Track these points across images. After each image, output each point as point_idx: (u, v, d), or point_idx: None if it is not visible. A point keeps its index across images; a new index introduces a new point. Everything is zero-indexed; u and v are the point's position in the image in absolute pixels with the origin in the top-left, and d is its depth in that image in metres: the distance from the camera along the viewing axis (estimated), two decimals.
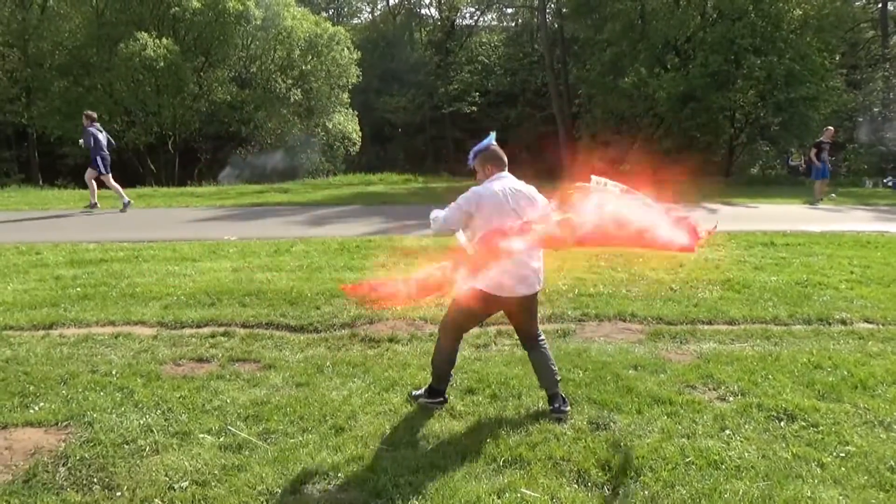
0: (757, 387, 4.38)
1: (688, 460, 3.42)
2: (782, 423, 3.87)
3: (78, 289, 6.74)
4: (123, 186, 15.03)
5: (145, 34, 23.21)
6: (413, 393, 4.23)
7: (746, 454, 3.49)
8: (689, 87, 21.68)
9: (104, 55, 24.41)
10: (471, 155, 4.03)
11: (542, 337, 4.14)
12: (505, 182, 3.89)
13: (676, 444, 3.58)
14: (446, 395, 4.15)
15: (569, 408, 3.95)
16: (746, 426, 3.83)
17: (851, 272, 7.74)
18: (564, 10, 31.50)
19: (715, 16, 22.92)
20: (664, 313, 6.04)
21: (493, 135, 4.01)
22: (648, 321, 5.89)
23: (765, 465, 3.37)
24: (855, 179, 23.59)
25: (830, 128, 16.66)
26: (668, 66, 23.87)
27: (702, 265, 8.03)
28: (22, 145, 28.46)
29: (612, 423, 3.84)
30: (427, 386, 4.18)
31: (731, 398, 4.23)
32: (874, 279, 7.40)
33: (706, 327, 5.74)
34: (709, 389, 4.39)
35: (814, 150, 15.96)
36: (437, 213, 3.92)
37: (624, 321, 5.90)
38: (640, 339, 5.44)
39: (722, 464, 3.39)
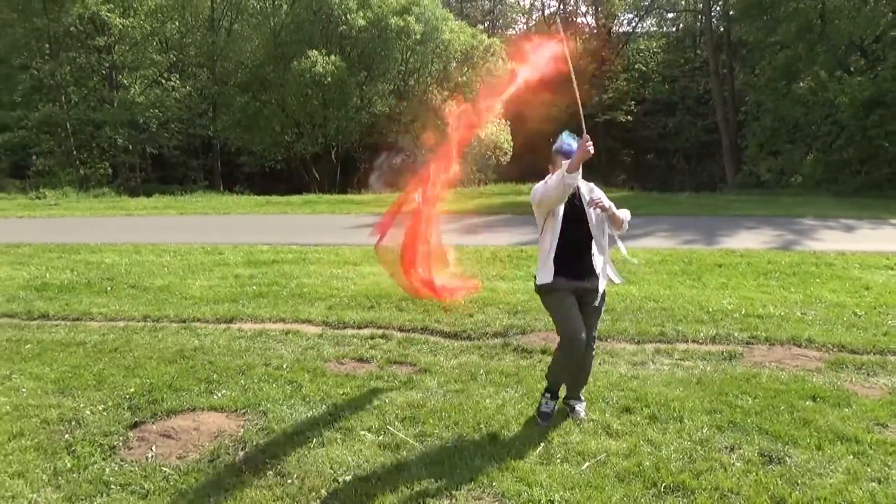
0: None
1: None
2: None
3: (254, 287, 7.35)
4: (291, 193, 16.20)
5: (315, 52, 24.89)
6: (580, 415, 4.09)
7: None
8: (878, 92, 19.55)
9: (279, 72, 26.49)
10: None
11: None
12: None
13: (866, 489, 3.22)
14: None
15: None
16: None
17: None
18: (731, 12, 29.69)
19: None
20: (847, 341, 5.47)
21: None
22: (828, 348, 5.36)
23: None
24: None
25: None
26: (853, 69, 21.73)
27: (892, 289, 7.20)
28: (207, 155, 31.63)
29: (787, 458, 3.52)
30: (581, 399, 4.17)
31: None
32: None
33: None
34: None
35: None
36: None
37: (799, 346, 5.42)
38: (819, 367, 4.96)
39: None
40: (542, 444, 3.71)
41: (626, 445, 3.70)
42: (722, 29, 31.65)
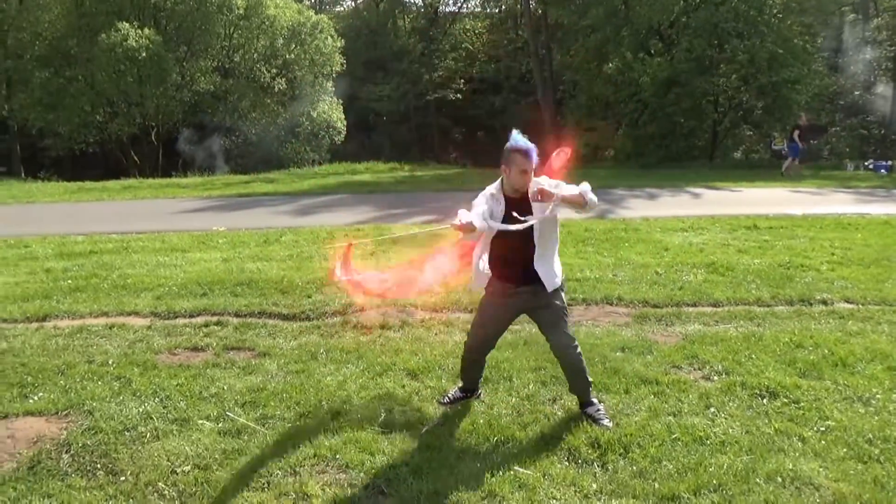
0: (741, 366, 4.51)
1: (674, 437, 3.54)
2: (765, 401, 3.99)
3: (69, 281, 6.77)
4: (107, 178, 15.02)
5: (126, 24, 22.95)
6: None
7: (731, 430, 3.62)
8: (674, 72, 21.79)
9: (85, 46, 24.12)
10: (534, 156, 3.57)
11: None
12: None
13: (663, 422, 3.70)
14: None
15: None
16: (730, 404, 3.95)
17: (833, 254, 7.91)
18: None
19: (698, 0, 23.01)
20: (650, 296, 6.16)
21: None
22: (635, 304, 6.00)
23: (748, 440, 3.50)
24: (836, 162, 23.86)
25: (803, 114, 18.50)
26: (652, 52, 23.96)
27: (686, 249, 8.17)
28: (3, 138, 28.08)
29: (602, 403, 3.94)
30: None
31: (715, 377, 4.36)
32: (854, 260, 7.58)
33: (691, 309, 5.87)
34: (694, 369, 4.52)
35: (797, 132, 17.60)
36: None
37: (611, 305, 6.02)
38: (627, 321, 5.56)
39: (707, 439, 3.51)
40: (384, 415, 3.84)
41: (461, 407, 3.94)
42: (540, 11, 33.38)
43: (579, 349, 3.80)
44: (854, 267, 7.27)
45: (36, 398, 4.01)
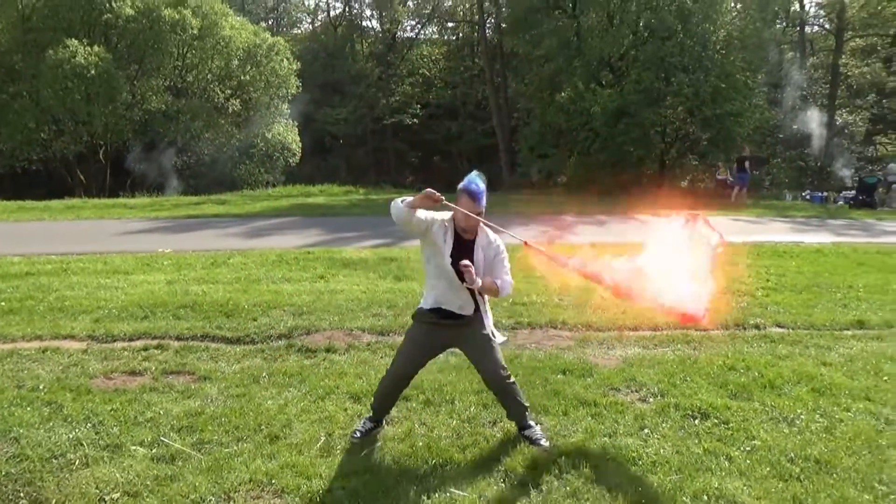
0: (675, 388, 4.65)
1: (608, 457, 3.62)
2: (696, 421, 4.13)
3: (2, 303, 6.56)
4: (50, 198, 14.59)
5: (75, 41, 22.49)
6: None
7: (662, 450, 3.72)
8: (623, 103, 22.40)
9: (31, 61, 23.52)
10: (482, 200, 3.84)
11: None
12: None
13: (599, 443, 3.79)
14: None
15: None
16: (664, 425, 4.07)
17: (768, 280, 8.22)
18: (503, 25, 32.09)
19: (646, 35, 23.78)
20: (593, 320, 6.30)
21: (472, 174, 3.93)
22: (578, 328, 6.14)
23: (678, 460, 3.61)
24: (776, 192, 24.82)
25: (745, 146, 20.82)
26: (603, 83, 24.61)
27: None
28: None
29: (539, 424, 4.01)
30: None
31: (651, 399, 4.48)
32: (788, 286, 7.89)
33: (632, 333, 6.03)
34: (631, 391, 4.64)
35: (747, 163, 20.17)
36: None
37: (555, 328, 6.14)
38: (570, 345, 5.67)
39: (639, 460, 3.60)
40: (324, 439, 3.83)
41: (402, 430, 3.95)
42: (496, 40, 34.03)
43: (511, 377, 3.86)
44: (787, 293, 7.57)
45: None
